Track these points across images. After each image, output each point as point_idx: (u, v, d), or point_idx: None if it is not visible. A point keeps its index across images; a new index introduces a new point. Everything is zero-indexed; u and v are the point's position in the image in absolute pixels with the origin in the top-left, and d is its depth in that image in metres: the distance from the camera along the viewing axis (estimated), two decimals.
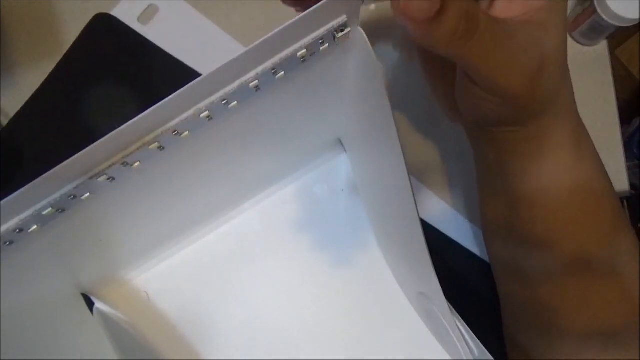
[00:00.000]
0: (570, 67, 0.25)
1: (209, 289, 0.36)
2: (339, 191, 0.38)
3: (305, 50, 0.22)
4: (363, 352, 0.35)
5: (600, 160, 0.28)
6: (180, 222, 0.35)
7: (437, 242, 0.38)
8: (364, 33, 0.23)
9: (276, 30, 0.20)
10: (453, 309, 0.29)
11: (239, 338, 0.35)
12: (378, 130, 0.27)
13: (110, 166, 0.23)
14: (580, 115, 0.27)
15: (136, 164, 0.23)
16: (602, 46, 0.43)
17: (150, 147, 0.23)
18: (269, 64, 0.22)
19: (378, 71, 0.23)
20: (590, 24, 0.41)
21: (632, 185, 0.42)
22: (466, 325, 0.28)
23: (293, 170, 0.38)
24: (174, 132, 0.23)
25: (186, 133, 0.23)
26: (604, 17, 0.39)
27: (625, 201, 0.37)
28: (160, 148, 0.23)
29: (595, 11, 0.40)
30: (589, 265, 0.27)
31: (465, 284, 0.36)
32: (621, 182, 0.41)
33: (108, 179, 0.23)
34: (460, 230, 0.39)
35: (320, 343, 0.36)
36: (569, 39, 0.43)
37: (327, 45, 0.23)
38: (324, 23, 0.22)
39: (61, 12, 0.42)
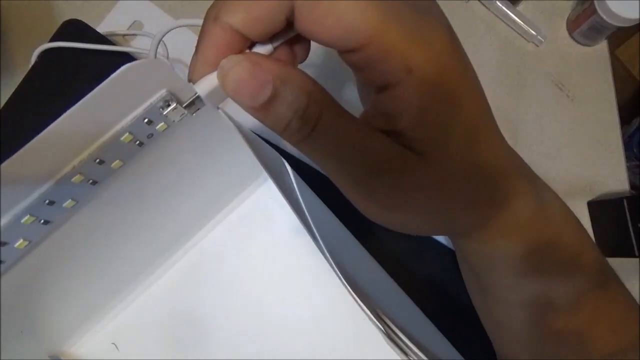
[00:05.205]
0: (570, 67, 0.25)
1: (173, 330, 0.36)
2: (286, 204, 0.37)
3: (128, 133, 0.18)
4: (363, 352, 0.35)
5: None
6: (131, 270, 0.34)
7: (433, 249, 0.38)
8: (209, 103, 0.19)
9: (61, 119, 0.16)
10: (385, 321, 0.28)
11: None
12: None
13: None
14: (581, 116, 0.26)
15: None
16: (602, 46, 0.43)
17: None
18: (84, 155, 0.18)
19: (236, 134, 0.20)
20: (590, 24, 0.41)
21: (632, 185, 0.42)
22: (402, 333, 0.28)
23: (239, 192, 0.37)
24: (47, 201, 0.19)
25: (69, 201, 0.20)
26: (604, 17, 0.39)
27: (625, 201, 0.37)
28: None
29: (595, 11, 0.40)
30: (608, 278, 0.27)
31: (462, 288, 0.36)
32: (621, 182, 0.41)
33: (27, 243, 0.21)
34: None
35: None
36: (569, 39, 0.43)
37: (162, 123, 0.19)
38: (138, 103, 0.18)
39: (62, 12, 0.42)
